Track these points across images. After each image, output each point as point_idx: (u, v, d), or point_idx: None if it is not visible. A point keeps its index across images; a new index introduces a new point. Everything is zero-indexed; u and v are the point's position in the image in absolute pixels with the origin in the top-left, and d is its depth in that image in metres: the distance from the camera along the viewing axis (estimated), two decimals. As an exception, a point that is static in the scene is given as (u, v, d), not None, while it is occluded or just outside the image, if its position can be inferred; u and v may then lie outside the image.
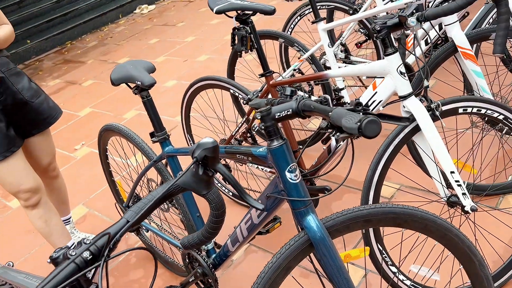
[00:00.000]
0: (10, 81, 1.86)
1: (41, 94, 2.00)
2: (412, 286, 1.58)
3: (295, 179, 1.08)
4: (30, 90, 1.94)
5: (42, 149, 2.07)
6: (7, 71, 1.87)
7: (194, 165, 0.83)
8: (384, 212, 1.16)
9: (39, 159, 2.09)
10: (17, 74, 1.92)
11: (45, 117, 2.00)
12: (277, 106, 1.05)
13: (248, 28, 1.79)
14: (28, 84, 1.94)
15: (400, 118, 0.87)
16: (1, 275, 1.21)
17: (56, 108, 2.07)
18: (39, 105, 1.97)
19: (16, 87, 1.88)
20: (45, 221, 2.04)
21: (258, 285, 1.13)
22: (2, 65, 1.86)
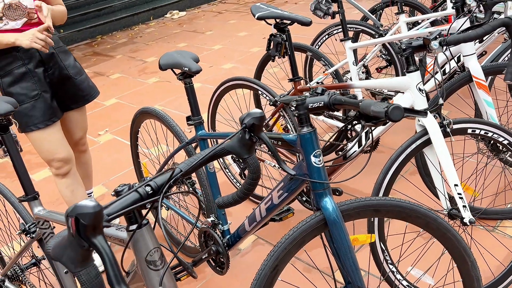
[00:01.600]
0: (59, 57, 2.05)
1: (83, 73, 2.19)
2: (408, 287, 1.71)
3: (319, 163, 1.23)
4: (75, 68, 2.12)
5: (77, 124, 2.25)
6: (58, 48, 2.06)
7: (241, 131, 0.99)
8: (392, 204, 1.31)
9: (73, 133, 2.26)
10: (65, 52, 2.11)
11: (85, 94, 2.17)
12: (311, 98, 1.21)
13: (285, 36, 1.96)
14: (73, 63, 2.13)
15: (418, 112, 1.02)
16: (46, 216, 1.36)
17: (94, 88, 2.25)
18: (81, 83, 2.14)
19: (64, 63, 2.06)
20: (71, 191, 2.20)
21: (275, 252, 1.27)
22: (55, 42, 2.02)
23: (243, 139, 1.00)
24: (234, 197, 1.11)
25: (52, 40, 2.00)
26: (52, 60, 2.02)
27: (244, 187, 1.07)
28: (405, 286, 1.71)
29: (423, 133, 1.65)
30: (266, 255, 1.29)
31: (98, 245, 0.68)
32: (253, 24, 6.25)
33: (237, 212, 2.46)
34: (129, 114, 3.99)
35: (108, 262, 0.67)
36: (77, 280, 0.66)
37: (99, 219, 0.67)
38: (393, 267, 1.70)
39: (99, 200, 2.82)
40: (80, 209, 0.67)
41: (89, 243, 0.68)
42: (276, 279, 1.30)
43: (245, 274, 2.10)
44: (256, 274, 1.28)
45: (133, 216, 0.94)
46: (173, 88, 4.44)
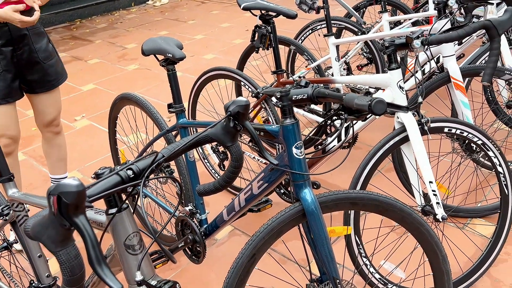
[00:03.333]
0: (31, 39, 1.99)
1: (54, 57, 2.12)
2: (380, 280, 1.75)
3: (300, 155, 1.25)
4: (46, 51, 2.06)
5: (46, 106, 2.18)
6: (32, 29, 2.00)
7: (226, 118, 0.99)
8: (370, 198, 1.33)
9: (44, 114, 2.21)
10: (38, 34, 2.04)
11: (51, 79, 2.11)
12: (295, 90, 1.22)
13: (269, 28, 1.96)
14: (45, 46, 2.06)
15: (400, 107, 1.04)
16: (21, 199, 1.33)
17: (62, 74, 2.18)
18: (49, 67, 2.07)
19: (34, 46, 2.00)
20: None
21: (252, 241, 1.28)
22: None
23: (227, 126, 1.00)
24: (216, 185, 1.11)
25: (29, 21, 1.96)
26: (23, 41, 1.96)
27: (226, 175, 1.08)
28: (378, 279, 1.75)
29: (401, 130, 1.68)
30: (244, 244, 1.30)
31: (80, 225, 0.67)
32: (237, 16, 6.22)
33: (214, 203, 2.46)
34: (107, 100, 3.92)
35: (90, 242, 0.66)
36: (57, 260, 0.65)
37: (82, 198, 0.66)
38: (367, 260, 1.73)
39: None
40: (63, 187, 0.65)
41: (71, 223, 0.66)
42: (253, 268, 1.31)
43: (220, 264, 2.11)
44: (234, 263, 1.29)
45: (113, 200, 0.93)
46: (153, 76, 4.38)
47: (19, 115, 2.20)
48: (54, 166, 2.41)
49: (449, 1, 1.95)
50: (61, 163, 2.44)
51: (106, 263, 0.67)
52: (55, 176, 2.46)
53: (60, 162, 2.43)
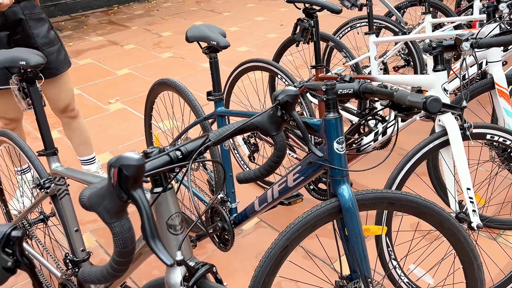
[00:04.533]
0: (29, 25, 1.97)
1: (55, 45, 2.08)
2: (408, 284, 1.73)
3: (341, 150, 1.24)
4: (46, 37, 2.03)
5: (54, 93, 2.17)
6: (30, 14, 1.97)
7: (273, 107, 0.99)
8: (408, 200, 1.31)
9: (55, 101, 2.21)
10: (38, 20, 2.01)
11: (50, 67, 2.06)
12: (341, 84, 1.21)
13: (312, 22, 1.95)
14: (45, 32, 2.03)
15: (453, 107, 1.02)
16: (63, 173, 1.37)
17: (63, 62, 2.13)
18: (48, 54, 2.01)
19: (32, 31, 1.98)
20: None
21: (286, 233, 1.28)
22: (27, 8, 1.96)
23: (274, 116, 0.99)
24: (256, 173, 1.12)
25: (26, 6, 1.94)
26: (19, 26, 1.95)
27: (268, 164, 1.08)
28: (406, 283, 1.73)
29: (442, 134, 1.65)
30: (277, 235, 1.30)
31: (137, 198, 0.68)
32: (271, 10, 6.20)
33: (242, 194, 2.47)
34: (140, 85, 3.98)
35: (145, 216, 0.67)
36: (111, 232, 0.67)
37: (141, 172, 0.68)
38: (396, 263, 1.71)
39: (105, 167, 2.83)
40: (125, 160, 0.67)
41: (128, 195, 0.68)
42: (285, 259, 1.31)
43: (245, 254, 2.12)
44: (266, 252, 1.29)
45: (159, 179, 0.94)
46: (186, 65, 4.42)
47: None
48: (78, 148, 2.46)
49: (499, 5, 1.89)
50: (85, 145, 2.47)
51: (159, 238, 0.68)
52: (82, 158, 2.51)
53: (83, 144, 2.45)
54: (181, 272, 0.97)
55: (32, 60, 1.26)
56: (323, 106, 2.24)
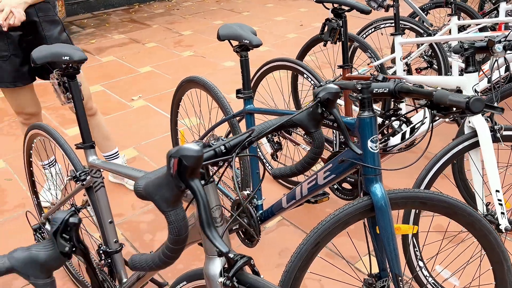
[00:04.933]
0: (42, 26, 2.01)
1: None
2: (433, 285, 1.73)
3: (375, 149, 1.25)
4: (57, 40, 2.05)
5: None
6: (44, 16, 2.01)
7: (314, 105, 1.01)
8: (440, 200, 1.32)
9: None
10: (51, 22, 2.05)
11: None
12: (377, 83, 1.22)
13: (341, 22, 1.96)
14: (57, 34, 2.06)
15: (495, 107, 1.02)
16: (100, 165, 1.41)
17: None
18: None
19: (45, 33, 2.03)
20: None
21: (318, 229, 1.29)
22: (42, 10, 2.00)
23: (314, 112, 1.01)
24: (292, 169, 1.14)
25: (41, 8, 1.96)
26: (32, 27, 1.99)
27: (305, 161, 1.10)
28: (432, 284, 1.73)
29: (471, 135, 1.65)
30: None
31: (195, 188, 0.71)
32: (291, 10, 6.21)
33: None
34: (162, 83, 4.03)
35: (202, 205, 0.70)
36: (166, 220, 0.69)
37: (200, 163, 0.70)
38: (422, 263, 1.72)
39: (130, 162, 2.87)
40: (185, 151, 0.69)
41: (187, 185, 0.70)
42: (316, 255, 1.32)
43: (268, 250, 2.14)
44: (297, 248, 1.31)
45: (202, 173, 0.97)
46: (207, 64, 4.46)
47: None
48: (101, 145, 2.48)
49: (531, 7, 1.88)
50: (107, 141, 2.49)
51: (215, 227, 0.71)
52: (105, 154, 2.53)
53: (105, 140, 2.47)
54: (221, 263, 0.99)
55: (75, 55, 1.30)
56: (349, 107, 2.25)
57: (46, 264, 0.75)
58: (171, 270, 2.04)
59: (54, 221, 0.75)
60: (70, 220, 0.75)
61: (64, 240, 0.75)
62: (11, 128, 3.35)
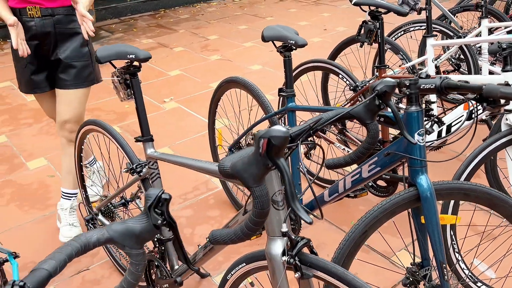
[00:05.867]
0: (56, 38, 2.03)
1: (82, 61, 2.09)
2: (470, 277, 1.78)
3: (421, 141, 1.32)
4: (73, 52, 2.05)
5: (61, 103, 2.14)
6: (62, 28, 2.03)
7: (371, 97, 1.09)
8: (482, 191, 1.38)
9: (59, 113, 2.16)
10: (71, 35, 2.05)
11: (67, 79, 2.09)
12: (424, 79, 1.29)
13: (378, 24, 2.04)
14: (75, 46, 2.06)
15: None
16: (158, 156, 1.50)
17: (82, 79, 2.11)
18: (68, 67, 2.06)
19: (59, 44, 2.04)
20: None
21: (366, 218, 1.37)
22: (61, 22, 2.02)
23: (371, 104, 1.09)
24: (346, 159, 1.21)
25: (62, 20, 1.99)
26: (46, 38, 2.03)
27: (360, 151, 1.17)
28: (469, 277, 1.78)
29: (509, 132, 1.70)
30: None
31: (281, 165, 0.79)
32: (313, 15, 6.30)
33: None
34: (192, 86, 4.15)
35: (287, 181, 0.78)
36: (252, 195, 0.77)
37: (286, 143, 0.79)
38: (460, 256, 1.77)
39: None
40: (274, 132, 0.78)
41: (274, 163, 0.79)
42: (363, 243, 1.39)
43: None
44: (346, 236, 1.38)
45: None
46: (234, 67, 4.56)
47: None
48: (64, 177, 2.28)
49: None
50: (69, 176, 2.25)
51: (298, 200, 0.79)
52: (63, 189, 2.30)
53: (68, 174, 2.26)
54: (283, 243, 1.07)
55: (141, 54, 1.41)
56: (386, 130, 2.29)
57: (140, 236, 0.84)
58: (212, 261, 2.12)
59: (148, 197, 0.84)
60: (162, 196, 0.84)
61: (156, 214, 0.84)
62: (50, 127, 3.49)
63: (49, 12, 1.99)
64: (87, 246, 0.81)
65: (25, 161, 3.09)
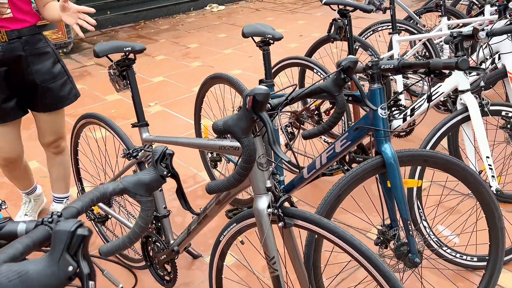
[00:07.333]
0: (28, 61, 1.91)
1: (59, 79, 2.01)
2: (436, 242, 1.98)
3: (384, 115, 1.52)
4: (48, 73, 1.96)
5: (45, 127, 2.12)
6: (31, 50, 1.91)
7: (337, 72, 1.28)
8: (439, 157, 1.59)
9: (43, 134, 2.15)
10: (41, 55, 1.94)
11: (47, 103, 2.03)
12: (384, 61, 1.50)
13: (346, 21, 2.26)
14: (48, 66, 1.96)
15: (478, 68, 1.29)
16: (153, 139, 1.67)
17: (64, 98, 2.05)
18: (47, 90, 1.98)
19: (32, 67, 1.92)
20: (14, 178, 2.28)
21: (339, 184, 1.56)
22: (28, 43, 1.91)
23: (337, 79, 1.29)
24: (320, 129, 1.40)
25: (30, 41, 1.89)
26: (16, 62, 1.90)
27: (330, 120, 1.36)
28: (435, 242, 1.98)
29: (463, 110, 1.93)
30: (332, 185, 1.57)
31: (264, 117, 0.98)
32: (290, 23, 6.56)
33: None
34: (175, 91, 4.32)
35: (269, 129, 0.97)
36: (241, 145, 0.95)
37: (268, 99, 0.98)
38: (426, 222, 1.97)
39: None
40: (257, 90, 0.97)
41: (258, 116, 0.97)
42: (338, 206, 1.58)
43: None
44: (322, 200, 1.57)
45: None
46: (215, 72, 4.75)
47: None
48: (54, 184, 2.36)
49: (510, 3, 2.19)
50: (61, 182, 2.33)
51: (279, 144, 0.97)
52: (55, 194, 2.38)
53: (59, 181, 2.32)
54: (267, 198, 1.25)
55: (136, 46, 1.58)
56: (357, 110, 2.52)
57: (149, 185, 1.01)
58: (203, 244, 2.28)
59: (155, 152, 1.01)
60: (166, 152, 1.02)
61: (162, 167, 1.01)
62: (39, 133, 3.61)
63: (15, 34, 1.85)
64: (105, 194, 0.97)
65: (17, 164, 3.20)
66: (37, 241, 0.76)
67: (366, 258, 1.16)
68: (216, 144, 1.40)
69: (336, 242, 1.20)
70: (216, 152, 1.61)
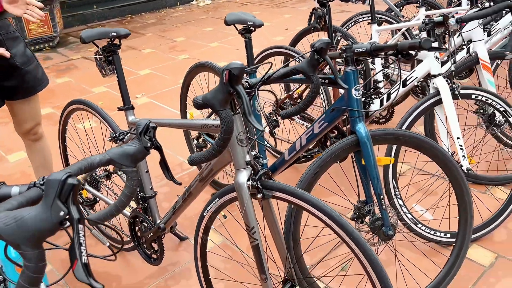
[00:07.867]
0: (6, 45, 1.89)
1: (32, 63, 2.01)
2: (411, 220, 2.08)
3: (358, 95, 1.61)
4: (24, 56, 1.95)
5: (24, 114, 2.10)
6: (6, 34, 1.90)
7: (311, 52, 1.36)
8: (411, 136, 1.69)
9: (21, 122, 2.12)
10: (14, 39, 1.94)
11: (28, 86, 2.01)
12: (357, 45, 1.59)
13: (325, 10, 2.35)
14: (22, 50, 1.96)
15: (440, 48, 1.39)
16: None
17: (42, 80, 2.06)
18: (26, 73, 1.97)
19: (10, 50, 1.88)
20: None
21: (316, 162, 1.65)
22: (2, 28, 1.89)
23: (312, 60, 1.37)
24: (297, 108, 1.48)
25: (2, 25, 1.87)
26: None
27: (306, 100, 1.45)
28: (410, 219, 2.08)
29: (435, 94, 2.03)
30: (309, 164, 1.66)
31: (239, 90, 1.06)
32: (276, 17, 6.64)
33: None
34: (162, 83, 4.37)
35: (245, 101, 1.05)
36: (219, 117, 1.03)
37: (243, 73, 1.05)
38: (401, 201, 2.07)
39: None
40: (233, 65, 1.05)
41: (234, 89, 1.05)
42: (315, 183, 1.67)
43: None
44: (301, 177, 1.66)
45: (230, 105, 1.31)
46: (202, 65, 4.81)
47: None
48: (38, 170, 2.31)
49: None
50: (44, 170, 2.29)
51: (252, 115, 1.05)
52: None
53: (42, 168, 2.29)
54: (247, 172, 1.33)
55: (121, 31, 1.64)
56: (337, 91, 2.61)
57: (134, 156, 1.08)
58: (189, 227, 2.36)
59: (139, 125, 1.09)
60: (150, 125, 1.09)
61: (146, 139, 1.09)
62: (27, 125, 3.64)
63: None
64: (92, 164, 1.04)
65: (5, 155, 3.24)
66: (30, 200, 0.83)
67: (338, 224, 1.25)
68: (198, 123, 1.48)
69: (310, 210, 1.29)
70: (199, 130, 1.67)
